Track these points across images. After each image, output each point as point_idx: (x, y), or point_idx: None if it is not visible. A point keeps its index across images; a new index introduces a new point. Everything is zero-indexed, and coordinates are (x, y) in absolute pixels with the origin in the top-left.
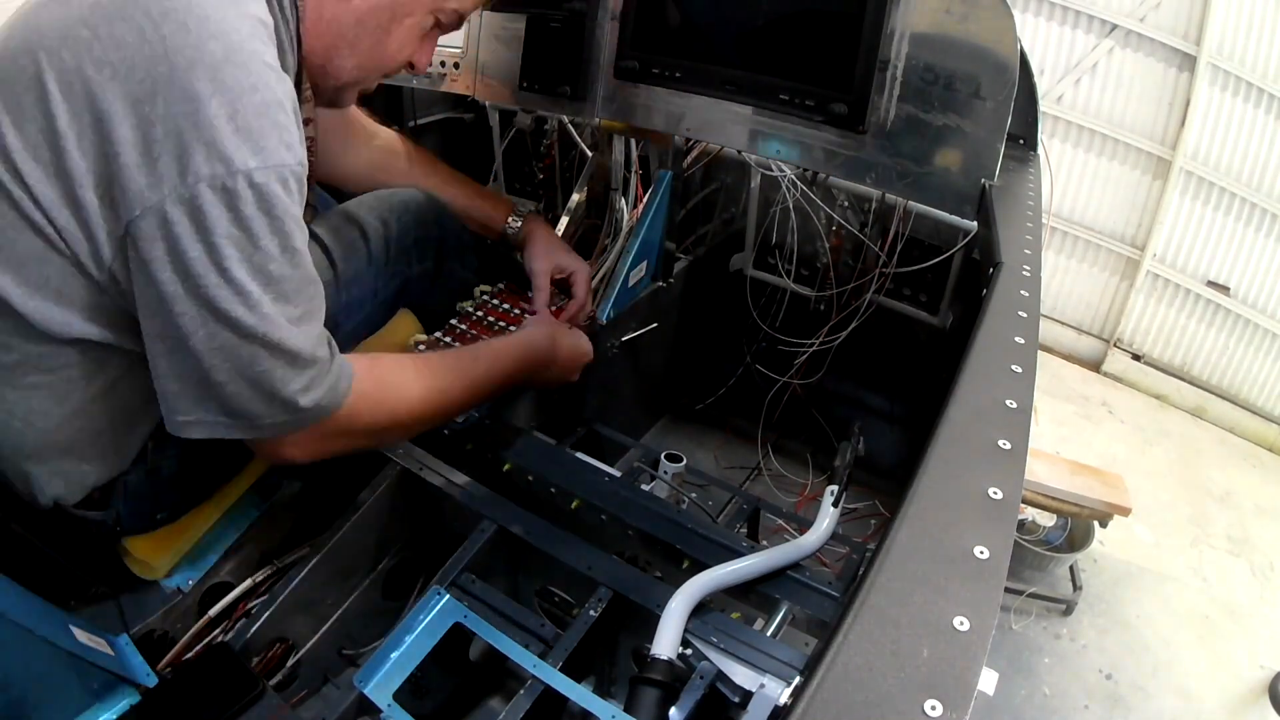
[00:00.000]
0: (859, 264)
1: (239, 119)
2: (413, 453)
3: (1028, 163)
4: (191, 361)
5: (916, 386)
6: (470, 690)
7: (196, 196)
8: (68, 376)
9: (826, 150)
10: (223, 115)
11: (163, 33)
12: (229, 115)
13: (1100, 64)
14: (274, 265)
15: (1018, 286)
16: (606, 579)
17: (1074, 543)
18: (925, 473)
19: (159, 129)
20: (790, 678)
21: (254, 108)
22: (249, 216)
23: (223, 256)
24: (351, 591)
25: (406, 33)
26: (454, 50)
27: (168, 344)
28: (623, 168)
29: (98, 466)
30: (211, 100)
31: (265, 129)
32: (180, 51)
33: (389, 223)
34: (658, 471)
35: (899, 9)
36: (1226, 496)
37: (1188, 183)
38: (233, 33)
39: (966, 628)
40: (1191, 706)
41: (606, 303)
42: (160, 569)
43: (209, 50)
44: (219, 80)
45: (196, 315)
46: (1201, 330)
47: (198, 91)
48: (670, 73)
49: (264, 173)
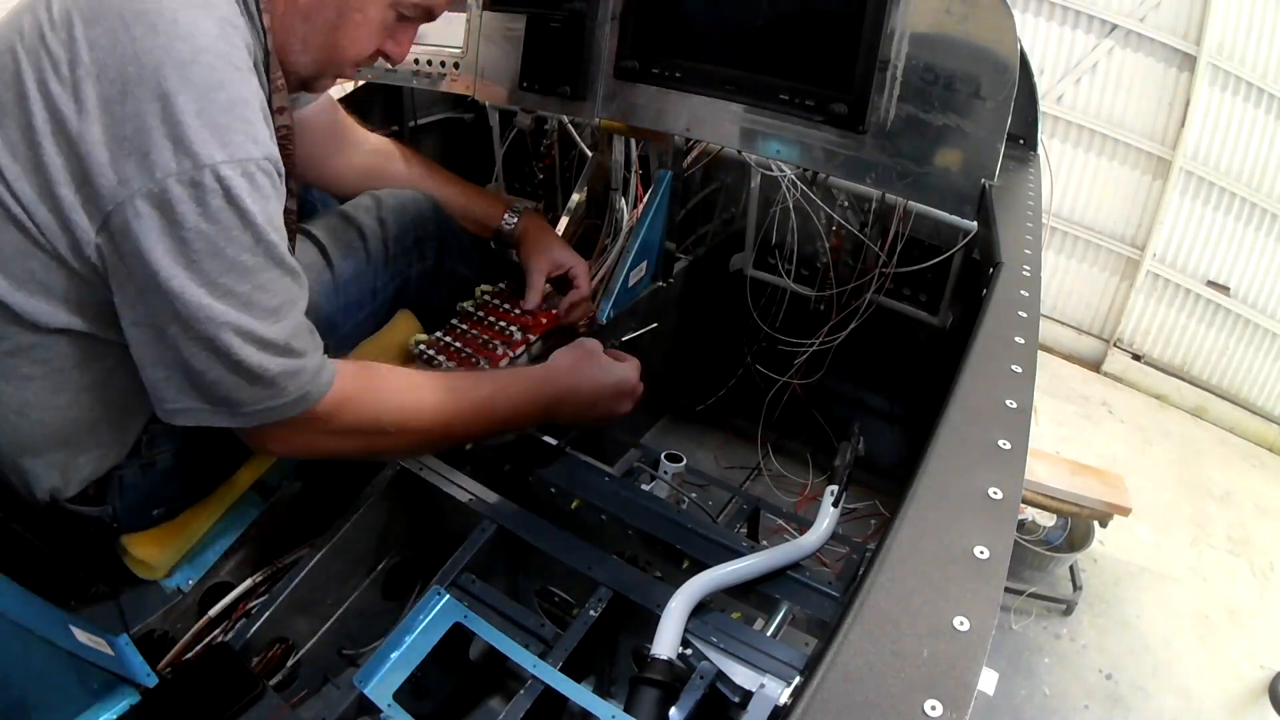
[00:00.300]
0: (859, 264)
1: (205, 115)
2: None
3: (1028, 163)
4: (171, 351)
5: (916, 386)
6: (470, 690)
7: (165, 191)
8: (60, 367)
9: (826, 150)
10: (190, 111)
11: (133, 34)
12: (196, 111)
13: (1100, 64)
14: (245, 257)
15: (1018, 286)
16: (606, 579)
17: (1074, 543)
18: (925, 473)
19: (128, 127)
20: (790, 678)
21: (220, 104)
22: (217, 209)
23: (192, 250)
24: (351, 591)
25: (358, 27)
26: (454, 50)
27: (148, 333)
28: (623, 168)
29: (93, 458)
30: (178, 97)
31: (232, 124)
32: (149, 52)
33: (387, 223)
34: (658, 471)
35: (899, 9)
36: (1226, 496)
37: (1188, 183)
38: (201, 35)
39: (966, 628)
40: (1191, 706)
41: (606, 303)
42: (160, 569)
43: (176, 50)
44: (186, 78)
45: (170, 307)
46: (1201, 330)
47: (166, 90)
48: (670, 73)
49: (231, 166)
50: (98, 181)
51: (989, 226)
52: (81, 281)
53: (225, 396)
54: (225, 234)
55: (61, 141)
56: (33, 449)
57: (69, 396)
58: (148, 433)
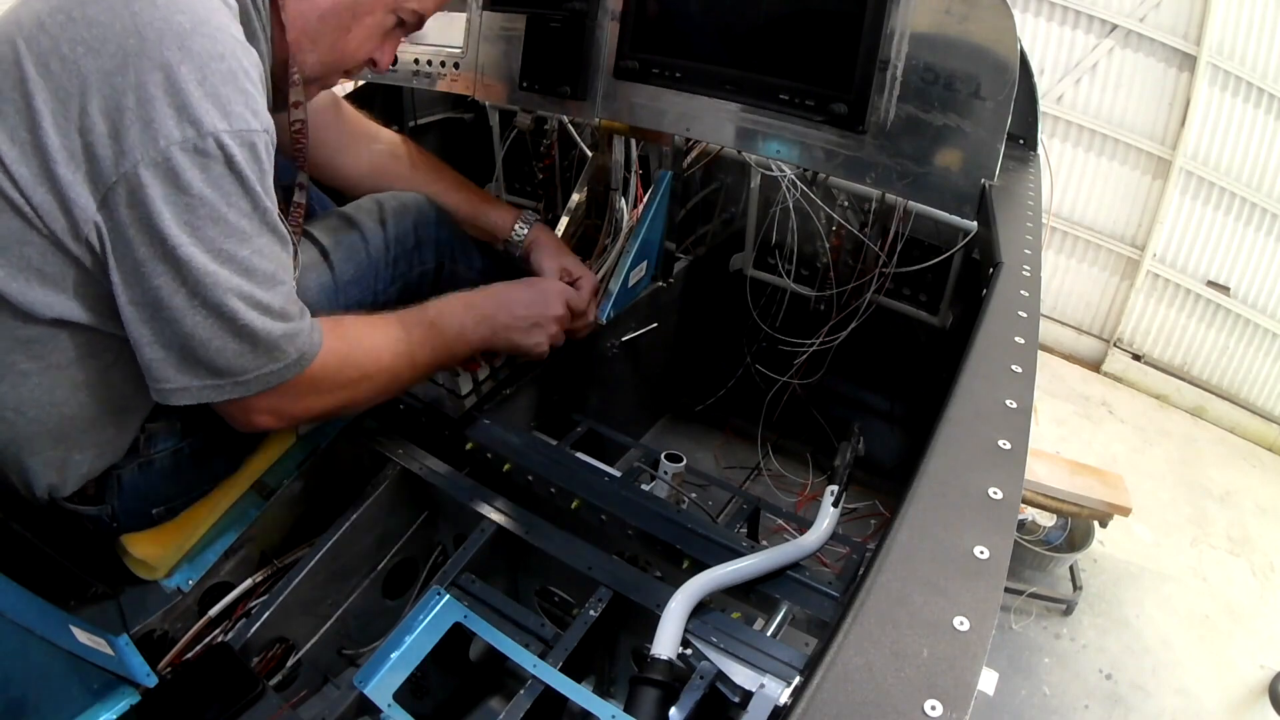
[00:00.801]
0: (859, 264)
1: (207, 85)
2: (413, 453)
3: (1028, 163)
4: (172, 326)
5: (916, 386)
6: (470, 690)
7: (170, 159)
8: (57, 363)
9: (826, 150)
10: (192, 81)
11: (133, 9)
12: (198, 81)
13: (1100, 64)
14: (245, 222)
15: (1018, 286)
16: (606, 579)
17: (1074, 543)
18: (925, 473)
19: (130, 98)
20: (790, 678)
21: (221, 75)
22: (220, 176)
23: (196, 216)
24: (351, 591)
25: (367, 30)
26: (454, 50)
27: (147, 311)
28: (623, 168)
29: (91, 456)
30: (180, 67)
31: (232, 95)
32: (150, 25)
33: (388, 225)
34: (658, 471)
35: (899, 9)
36: (1226, 496)
37: (1188, 183)
38: (200, 8)
39: (966, 628)
40: (1191, 706)
41: (606, 303)
42: (160, 569)
43: (176, 22)
44: (187, 49)
45: (174, 277)
46: (1201, 330)
47: (167, 60)
48: (670, 73)
49: (233, 135)
50: (99, 154)
51: (989, 226)
52: (79, 268)
53: (228, 366)
54: (227, 199)
55: (62, 120)
56: (29, 446)
57: (66, 393)
58: (146, 431)
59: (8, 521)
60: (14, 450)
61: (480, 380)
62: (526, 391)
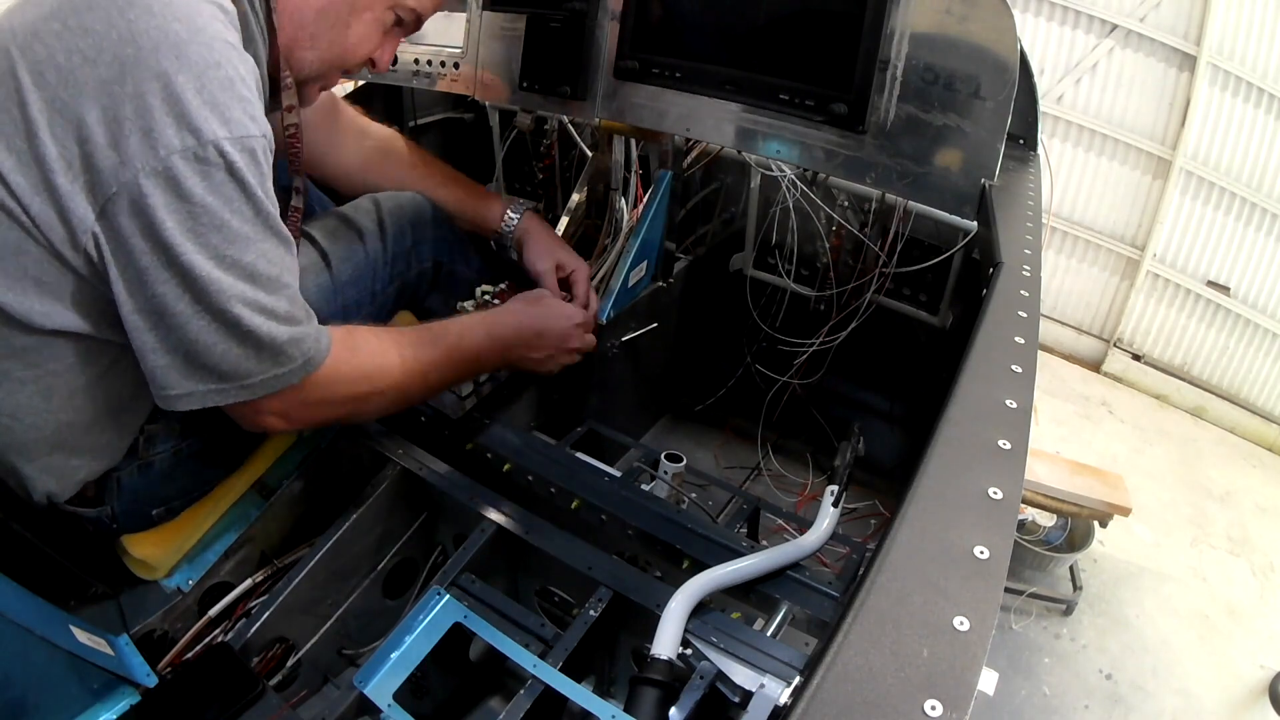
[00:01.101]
0: (859, 264)
1: (205, 93)
2: (413, 453)
3: (1028, 163)
4: (177, 332)
5: (916, 386)
6: (470, 690)
7: (171, 168)
8: (53, 371)
9: (826, 150)
10: (190, 89)
11: (129, 18)
12: (196, 89)
13: (1100, 64)
14: (249, 229)
15: (1018, 286)
16: (606, 579)
17: (1074, 543)
18: (925, 473)
19: (128, 107)
20: (790, 678)
21: (218, 82)
22: (221, 183)
23: (199, 224)
24: (351, 591)
25: (365, 27)
26: (454, 50)
27: (151, 319)
28: (623, 168)
29: (89, 461)
30: (178, 76)
31: (230, 102)
32: (146, 34)
33: (386, 225)
34: (658, 471)
35: (899, 9)
36: (1226, 496)
37: (1188, 183)
38: (196, 16)
39: (966, 628)
40: (1191, 706)
41: (606, 303)
42: (160, 569)
43: (173, 31)
44: (184, 57)
45: (178, 285)
46: (1201, 330)
47: (164, 69)
48: (670, 73)
49: (233, 142)
50: (98, 164)
51: (989, 226)
52: (76, 277)
53: (233, 370)
54: (229, 206)
55: (59, 129)
56: (26, 453)
57: (62, 401)
58: (145, 433)
59: (8, 522)
60: (10, 457)
61: (481, 381)
62: (526, 392)
